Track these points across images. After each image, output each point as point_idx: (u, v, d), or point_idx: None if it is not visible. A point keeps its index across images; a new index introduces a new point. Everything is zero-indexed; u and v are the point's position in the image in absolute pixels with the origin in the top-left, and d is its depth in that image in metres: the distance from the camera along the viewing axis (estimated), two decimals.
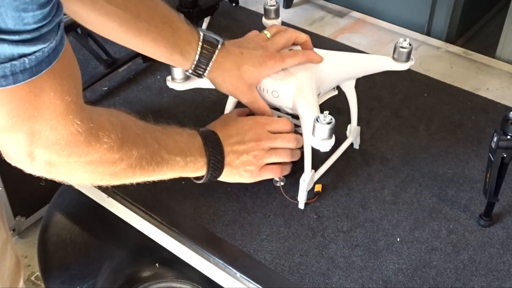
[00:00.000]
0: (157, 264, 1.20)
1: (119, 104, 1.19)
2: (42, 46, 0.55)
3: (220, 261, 0.88)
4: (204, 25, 1.30)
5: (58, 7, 0.56)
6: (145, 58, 1.31)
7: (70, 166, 0.67)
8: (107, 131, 0.68)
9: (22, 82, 0.55)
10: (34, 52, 0.54)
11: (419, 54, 1.34)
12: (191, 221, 0.95)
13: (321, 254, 0.89)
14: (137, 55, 1.30)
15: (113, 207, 1.02)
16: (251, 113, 0.95)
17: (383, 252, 0.89)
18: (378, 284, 0.85)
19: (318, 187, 0.97)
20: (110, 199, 1.00)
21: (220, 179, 0.89)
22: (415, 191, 0.99)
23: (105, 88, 1.23)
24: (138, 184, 1.01)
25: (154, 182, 1.01)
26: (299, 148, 0.94)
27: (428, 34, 1.46)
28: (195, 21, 1.25)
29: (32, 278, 1.84)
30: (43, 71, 0.56)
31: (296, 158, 0.94)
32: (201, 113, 1.15)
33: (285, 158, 0.92)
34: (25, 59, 0.54)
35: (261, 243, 0.91)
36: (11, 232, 1.91)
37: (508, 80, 1.27)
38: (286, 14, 1.49)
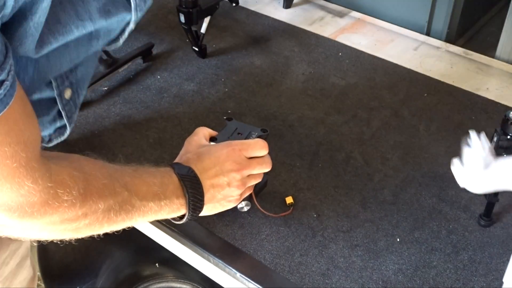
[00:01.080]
0: (157, 264, 1.20)
1: (119, 104, 1.19)
2: None
3: (220, 261, 0.88)
4: (204, 25, 1.29)
5: (7, 54, 0.52)
6: (145, 58, 1.31)
7: (25, 227, 0.62)
8: (68, 187, 0.62)
9: None
10: None
11: (419, 54, 1.34)
12: (191, 221, 0.94)
13: (321, 254, 0.89)
14: (137, 55, 1.30)
15: None
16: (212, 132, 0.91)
17: (383, 252, 0.89)
18: (378, 284, 0.85)
19: (289, 199, 0.96)
20: None
21: (200, 214, 0.82)
22: (415, 191, 0.99)
23: (105, 88, 1.23)
24: None
25: None
26: None
27: (428, 34, 1.46)
28: (195, 21, 1.25)
29: None
30: None
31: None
32: (201, 113, 1.15)
33: (260, 178, 0.88)
34: None
35: (261, 243, 0.91)
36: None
37: (508, 80, 1.27)
38: (286, 14, 1.49)
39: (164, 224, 0.94)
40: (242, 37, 1.40)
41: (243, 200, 0.90)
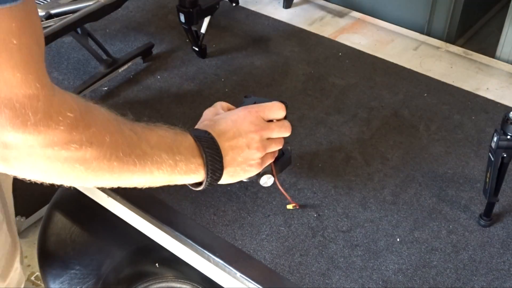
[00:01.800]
0: (157, 264, 1.20)
1: (120, 104, 1.19)
2: None
3: (220, 261, 0.88)
4: (204, 25, 1.29)
5: None
6: (145, 58, 1.31)
7: (27, 150, 0.56)
8: (70, 106, 0.57)
9: None
10: None
11: (419, 54, 1.34)
12: (191, 221, 0.95)
13: (321, 254, 0.89)
14: (137, 55, 1.30)
15: (113, 207, 1.02)
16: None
17: (383, 252, 0.89)
18: (378, 284, 0.85)
19: (290, 207, 0.95)
20: (110, 199, 1.00)
21: (222, 181, 0.78)
22: (415, 191, 0.99)
23: (105, 88, 1.23)
24: None
25: None
26: None
27: (428, 34, 1.46)
28: (195, 21, 1.25)
29: (32, 278, 1.84)
30: (6, 4, 0.50)
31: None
32: (201, 113, 1.15)
33: (281, 144, 0.84)
34: None
35: (261, 243, 0.91)
36: None
37: (508, 80, 1.27)
38: (286, 14, 1.49)
39: (164, 224, 0.94)
40: (242, 37, 1.40)
41: (265, 173, 0.86)
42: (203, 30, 1.29)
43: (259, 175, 0.84)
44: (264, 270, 0.87)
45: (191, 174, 0.74)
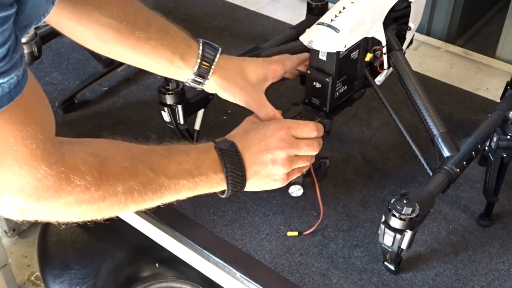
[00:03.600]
0: (157, 264, 1.21)
1: (119, 104, 1.19)
2: (1, 81, 0.52)
3: (220, 261, 0.88)
4: (198, 121, 1.03)
5: (17, 41, 0.53)
6: None
7: (43, 210, 0.63)
8: (81, 173, 0.62)
9: None
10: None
11: (419, 54, 1.34)
12: (191, 221, 0.95)
13: (321, 253, 0.89)
14: None
15: None
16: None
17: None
18: (378, 286, 0.85)
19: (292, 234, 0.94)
20: None
21: (247, 189, 0.80)
22: (415, 191, 0.99)
23: (105, 88, 1.23)
24: None
25: None
26: None
27: (428, 34, 1.46)
28: (184, 119, 0.99)
29: (32, 278, 1.84)
30: (3, 107, 0.53)
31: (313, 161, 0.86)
32: (207, 112, 1.15)
33: (309, 162, 0.84)
34: None
35: (261, 243, 0.91)
36: (11, 232, 1.91)
37: (508, 80, 1.27)
38: (286, 14, 1.49)
39: (164, 224, 0.94)
40: (242, 37, 1.39)
41: (295, 184, 0.89)
42: (196, 126, 1.02)
43: (288, 185, 0.86)
44: (264, 270, 0.87)
45: (213, 189, 0.77)
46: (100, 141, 0.70)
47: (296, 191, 0.91)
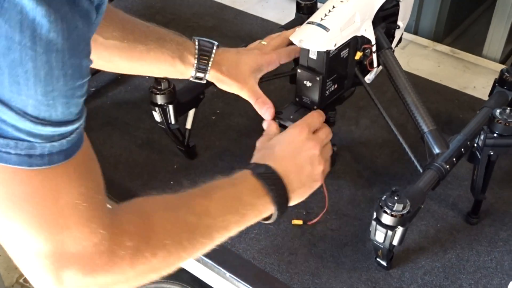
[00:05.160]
0: None
1: (108, 104, 1.18)
2: (74, 127, 0.51)
3: (209, 261, 0.88)
4: (189, 120, 1.03)
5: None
6: None
7: (99, 284, 0.58)
8: (129, 234, 0.60)
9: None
10: (71, 133, 0.51)
11: (406, 53, 1.35)
12: None
13: (310, 252, 0.89)
14: None
15: None
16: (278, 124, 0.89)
17: (372, 252, 0.89)
18: (367, 284, 0.85)
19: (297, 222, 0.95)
20: None
21: (292, 203, 0.79)
22: (403, 188, 0.99)
23: (92, 89, 1.22)
24: (128, 183, 1.01)
25: (142, 181, 1.01)
26: None
27: (415, 33, 1.46)
28: (175, 119, 0.99)
29: (21, 280, 1.83)
30: (62, 162, 0.51)
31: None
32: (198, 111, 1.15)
33: (330, 149, 0.86)
34: (64, 141, 0.50)
35: (250, 242, 0.91)
36: None
37: (495, 78, 1.28)
38: (274, 14, 1.49)
39: None
40: (230, 37, 1.39)
41: None
42: (188, 125, 1.02)
43: None
44: (253, 269, 0.87)
45: (260, 216, 0.75)
46: (137, 199, 0.67)
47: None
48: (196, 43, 0.90)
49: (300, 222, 0.93)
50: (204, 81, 0.91)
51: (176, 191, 0.69)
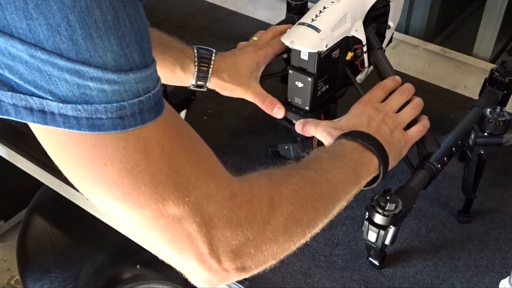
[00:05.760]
0: (138, 266, 1.20)
1: None
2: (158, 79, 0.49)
3: None
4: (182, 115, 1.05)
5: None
6: None
7: (255, 245, 0.56)
8: (259, 188, 0.57)
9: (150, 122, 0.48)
10: (154, 87, 0.48)
11: (397, 52, 1.35)
12: None
13: (302, 252, 0.89)
14: None
15: (93, 209, 1.01)
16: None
17: (364, 251, 0.89)
18: (359, 283, 0.85)
19: None
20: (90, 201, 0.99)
21: (391, 164, 0.78)
22: (395, 188, 1.00)
23: None
24: None
25: None
26: None
27: (406, 32, 1.47)
28: None
29: (12, 282, 1.82)
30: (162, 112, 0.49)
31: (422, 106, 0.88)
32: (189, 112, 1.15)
33: (417, 109, 0.87)
34: (150, 94, 0.48)
35: None
36: None
37: (485, 77, 1.28)
38: (266, 14, 1.49)
39: None
40: (221, 37, 1.39)
41: None
42: None
43: None
44: None
45: (371, 174, 0.75)
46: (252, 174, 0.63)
47: None
48: (195, 51, 0.90)
49: None
50: (205, 89, 0.91)
51: None
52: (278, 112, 0.91)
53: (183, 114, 1.02)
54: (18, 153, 1.09)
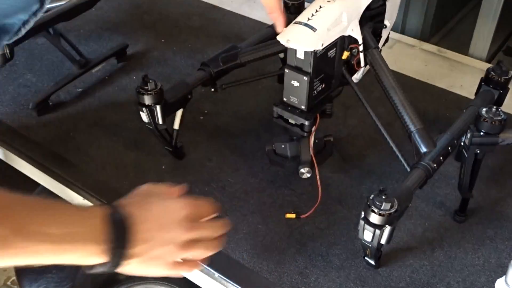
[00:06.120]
0: None
1: (95, 106, 1.18)
2: None
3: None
4: (177, 120, 1.02)
5: None
6: (120, 59, 1.30)
7: None
8: None
9: None
10: None
11: (393, 52, 1.35)
12: None
13: (299, 252, 0.89)
14: (111, 55, 1.29)
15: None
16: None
17: (360, 251, 0.89)
18: (356, 283, 0.85)
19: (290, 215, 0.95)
20: (86, 201, 0.99)
21: (123, 269, 0.66)
22: (390, 187, 1.00)
23: (80, 90, 1.22)
24: (115, 184, 1.00)
25: (130, 182, 1.01)
26: None
27: (402, 32, 1.47)
28: (162, 120, 0.97)
29: (8, 282, 1.81)
30: None
31: (218, 248, 0.74)
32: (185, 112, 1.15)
33: (210, 251, 0.73)
34: None
35: (239, 242, 0.91)
36: None
37: (481, 76, 1.29)
38: (262, 14, 1.49)
39: None
40: (218, 37, 1.39)
41: (304, 165, 0.96)
42: (176, 126, 1.02)
43: (300, 166, 0.96)
44: (242, 269, 0.87)
45: (85, 259, 0.64)
46: None
47: (306, 172, 0.96)
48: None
49: (293, 215, 0.94)
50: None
51: None
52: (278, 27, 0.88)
53: (179, 113, 1.01)
54: (14, 154, 1.08)
